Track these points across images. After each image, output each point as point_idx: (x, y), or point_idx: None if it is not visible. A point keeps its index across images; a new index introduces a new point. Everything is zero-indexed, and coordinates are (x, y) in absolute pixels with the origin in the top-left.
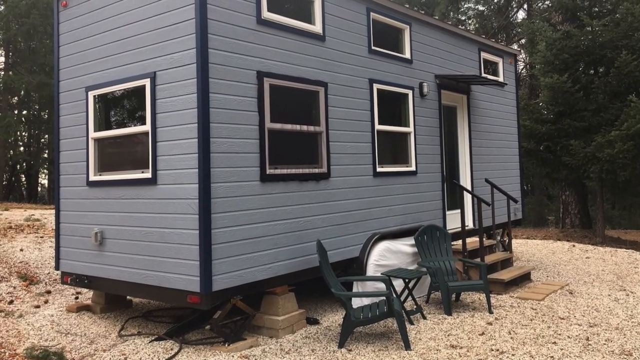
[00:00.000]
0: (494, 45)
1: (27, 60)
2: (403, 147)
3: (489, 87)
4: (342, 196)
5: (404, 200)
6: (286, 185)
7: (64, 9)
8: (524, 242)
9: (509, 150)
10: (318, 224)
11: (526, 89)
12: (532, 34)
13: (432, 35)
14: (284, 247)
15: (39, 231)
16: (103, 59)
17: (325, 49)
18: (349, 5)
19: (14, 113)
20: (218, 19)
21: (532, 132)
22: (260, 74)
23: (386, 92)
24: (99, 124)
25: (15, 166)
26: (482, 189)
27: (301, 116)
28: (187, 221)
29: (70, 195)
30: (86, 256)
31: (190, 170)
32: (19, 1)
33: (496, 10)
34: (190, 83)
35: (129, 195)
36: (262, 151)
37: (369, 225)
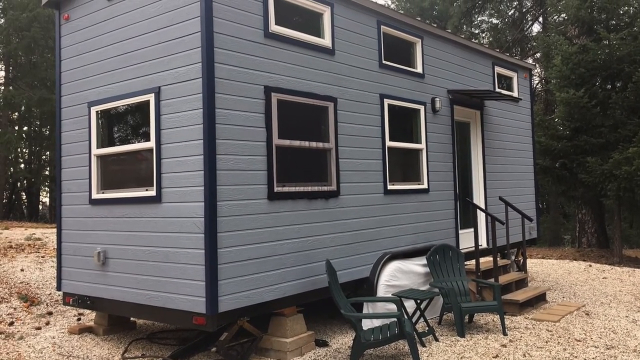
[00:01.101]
0: (508, 60)
1: (28, 74)
2: (414, 164)
3: (503, 103)
4: (352, 215)
5: (416, 219)
6: (294, 203)
7: (65, 22)
8: (539, 262)
9: (523, 167)
10: (327, 244)
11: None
12: (548, 48)
13: (445, 49)
14: (292, 267)
15: (40, 251)
16: (106, 74)
17: (335, 63)
18: (359, 18)
19: (14, 129)
20: (224, 32)
21: (547, 149)
22: (268, 88)
23: (397, 108)
24: (102, 141)
25: (16, 184)
26: (496, 207)
27: (310, 132)
28: (192, 240)
29: (72, 213)
30: (89, 276)
31: (196, 188)
32: (19, 14)
33: (510, 23)
34: (196, 98)
35: (132, 214)
36: (269, 168)
37: (379, 244)
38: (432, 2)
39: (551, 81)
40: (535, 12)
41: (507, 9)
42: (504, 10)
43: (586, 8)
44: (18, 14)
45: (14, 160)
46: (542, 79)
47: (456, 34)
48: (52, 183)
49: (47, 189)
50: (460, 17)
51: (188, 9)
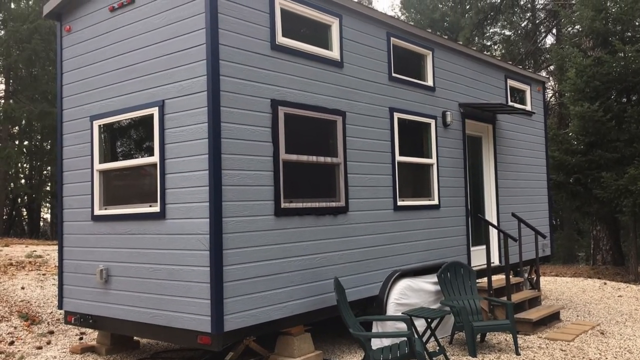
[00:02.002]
0: (521, 72)
1: (29, 88)
2: (425, 179)
3: (516, 116)
4: (361, 231)
5: (426, 236)
6: (302, 219)
7: (67, 34)
8: (553, 280)
9: (536, 182)
10: (335, 261)
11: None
12: (562, 60)
13: (456, 62)
14: (299, 285)
15: (41, 268)
16: (108, 87)
17: (344, 76)
18: (369, 30)
19: (14, 144)
20: (230, 45)
21: (561, 164)
22: (275, 102)
23: (407, 122)
24: (105, 155)
25: (16, 200)
26: (509, 223)
27: (318, 147)
28: (197, 257)
29: (74, 230)
30: (91, 294)
31: (201, 204)
32: (20, 26)
33: (523, 35)
34: (201, 112)
35: (135, 231)
36: (276, 184)
37: (389, 262)
38: (443, 14)
39: (565, 94)
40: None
41: (520, 21)
42: (517, 22)
43: (601, 19)
44: (18, 25)
45: (14, 175)
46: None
47: (468, 46)
48: (54, 199)
49: (48, 205)
50: (471, 28)
51: (193, 21)
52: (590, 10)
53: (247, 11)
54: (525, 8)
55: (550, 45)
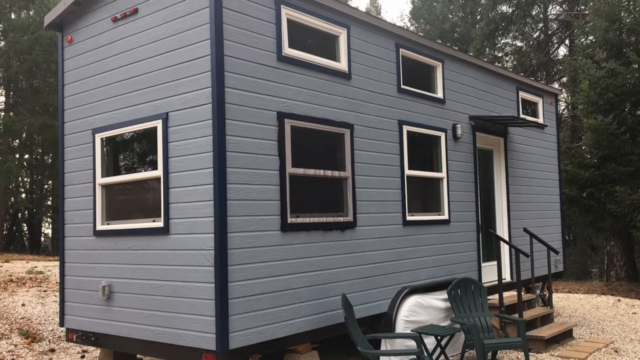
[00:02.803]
0: (533, 84)
1: (29, 100)
2: (435, 193)
3: (527, 129)
4: (369, 247)
5: (436, 251)
6: (309, 235)
7: (69, 44)
8: (566, 297)
9: (549, 197)
10: (343, 277)
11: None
12: (575, 72)
13: (467, 73)
14: (306, 302)
15: (42, 285)
16: (111, 99)
17: (351, 88)
18: (377, 40)
19: (15, 157)
20: (235, 56)
21: (574, 178)
22: (281, 114)
23: (417, 135)
24: (107, 169)
25: (17, 214)
26: (521, 239)
27: (325, 160)
28: (202, 274)
29: (75, 245)
30: (93, 312)
31: (206, 218)
32: (20, 36)
33: (535, 46)
34: (206, 125)
35: (139, 246)
36: (282, 198)
37: (398, 278)
38: (453, 24)
39: (578, 107)
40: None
41: (532, 31)
42: (529, 33)
43: (615, 30)
44: (19, 36)
45: (15, 189)
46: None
47: (478, 57)
48: (55, 214)
49: (50, 220)
50: (482, 39)
51: (197, 31)
52: (604, 20)
53: (253, 22)
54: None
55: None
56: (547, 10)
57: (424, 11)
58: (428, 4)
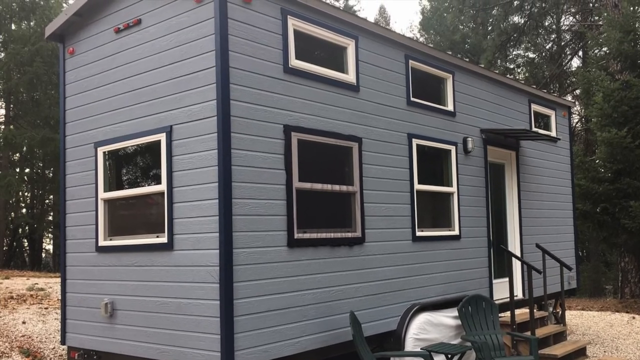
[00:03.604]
0: (546, 97)
1: (30, 113)
2: (445, 208)
3: (540, 143)
4: (378, 263)
5: (446, 268)
6: (316, 251)
7: (70, 56)
8: (579, 314)
9: (562, 212)
10: (351, 294)
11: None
12: (588, 84)
13: (478, 86)
14: (313, 320)
15: (43, 302)
16: (114, 112)
17: (360, 101)
18: (386, 52)
19: (15, 171)
20: (241, 68)
21: (587, 192)
22: (288, 128)
23: (427, 148)
24: (110, 184)
25: (17, 230)
26: (533, 255)
27: (333, 175)
28: (206, 291)
29: (77, 262)
30: (95, 329)
31: (211, 234)
32: (20, 48)
33: (548, 57)
34: (211, 138)
35: (142, 262)
36: (289, 213)
37: (407, 295)
38: (464, 35)
39: (592, 120)
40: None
41: (545, 43)
42: (541, 44)
43: (629, 41)
44: (19, 47)
45: (15, 204)
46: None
47: (490, 69)
48: (56, 229)
49: (51, 235)
50: (494, 51)
51: (202, 42)
52: (618, 31)
53: (259, 33)
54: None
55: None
56: (560, 21)
57: (434, 22)
58: (438, 14)
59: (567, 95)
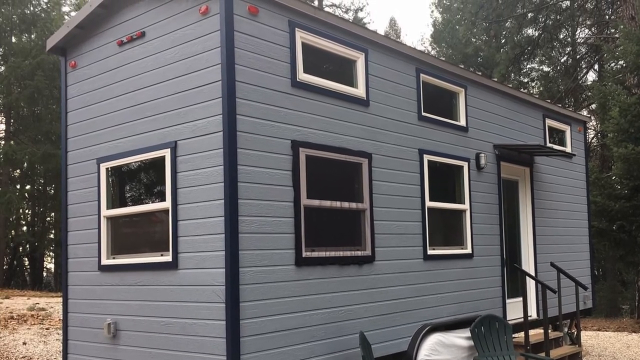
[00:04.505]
0: (561, 111)
1: (31, 128)
2: (457, 226)
3: (555, 159)
4: (388, 282)
5: (459, 287)
6: (325, 270)
7: (72, 70)
8: (595, 335)
9: (577, 229)
10: (361, 314)
11: (597, 161)
12: (604, 99)
13: (491, 100)
14: (321, 340)
15: (44, 322)
16: (117, 127)
17: (369, 116)
18: (397, 65)
19: (15, 188)
20: (247, 82)
21: (603, 210)
22: (296, 143)
23: (438, 165)
24: (113, 201)
25: (18, 248)
26: (547, 274)
27: (342, 191)
28: (212, 311)
29: (79, 281)
30: (98, 350)
31: (216, 252)
32: (21, 61)
33: (563, 71)
34: (216, 154)
35: (146, 282)
36: (297, 231)
37: (418, 315)
38: (476, 48)
39: (608, 135)
40: (590, 59)
41: (560, 56)
42: (556, 57)
43: None
44: (20, 61)
45: (16, 222)
46: (597, 132)
47: (503, 82)
48: (58, 247)
49: (52, 254)
50: (507, 64)
51: (207, 56)
52: (635, 44)
53: (266, 46)
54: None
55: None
56: (575, 34)
57: (446, 34)
58: (450, 27)
59: (583, 110)
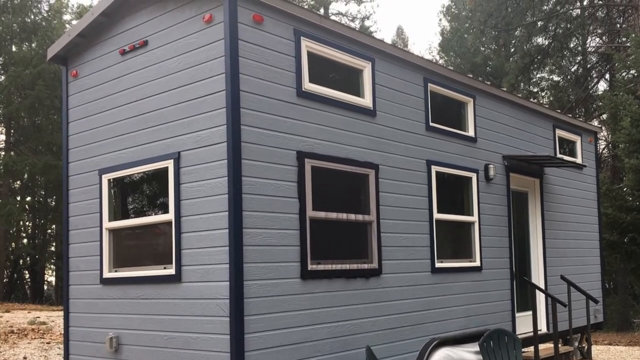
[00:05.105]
0: (571, 122)
1: (31, 138)
2: (466, 239)
3: (565, 170)
4: (396, 296)
5: (467, 300)
6: (331, 283)
7: (73, 79)
8: (606, 349)
9: (588, 242)
10: (367, 328)
11: (608, 172)
12: (615, 108)
13: (500, 110)
14: (327, 355)
15: (45, 336)
16: (119, 137)
17: (376, 126)
18: (404, 75)
19: (16, 200)
20: (252, 91)
21: (615, 222)
22: (301, 154)
23: (446, 176)
24: (115, 213)
25: (18, 261)
26: (557, 287)
27: (348, 203)
28: (216, 325)
29: (81, 294)
30: None
31: (220, 265)
32: (22, 70)
33: (573, 81)
34: (220, 165)
35: (149, 295)
36: (303, 244)
37: (426, 329)
38: (485, 57)
39: (619, 146)
40: (601, 69)
41: (570, 65)
42: (566, 67)
43: None
44: (20, 70)
45: (16, 234)
46: (608, 143)
47: (512, 92)
48: (59, 260)
49: (53, 267)
50: (517, 73)
51: (211, 65)
52: None
53: (271, 55)
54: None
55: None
56: (586, 43)
57: (454, 43)
58: (459, 35)
59: (593, 120)
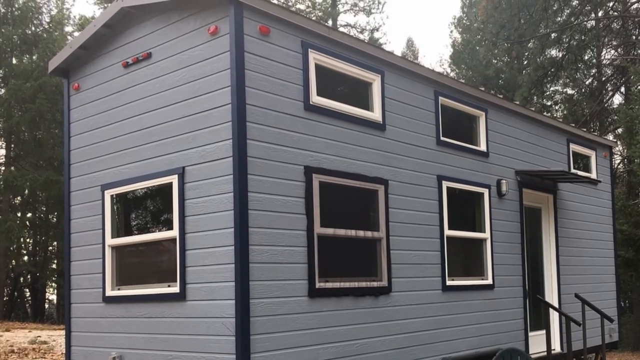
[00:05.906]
0: (586, 136)
1: (32, 153)
2: (477, 256)
3: (579, 185)
4: (406, 314)
5: (479, 319)
6: (339, 301)
7: (75, 92)
8: None
9: (602, 259)
10: (377, 348)
11: (623, 187)
12: (631, 122)
13: (512, 124)
14: None
15: (46, 356)
16: (122, 152)
17: (386, 140)
18: (414, 88)
19: (16, 216)
20: (258, 105)
21: (630, 238)
22: (309, 169)
23: (457, 191)
24: (118, 229)
25: (18, 279)
26: (571, 305)
27: (357, 219)
28: (221, 344)
29: (83, 313)
30: None
31: (226, 283)
32: (22, 83)
33: (588, 94)
34: (226, 180)
35: (152, 314)
36: (310, 261)
37: (437, 348)
38: (497, 70)
39: (635, 160)
40: (617, 81)
41: (584, 78)
42: (581, 79)
43: None
44: (21, 83)
45: (16, 251)
46: (624, 157)
47: (525, 106)
48: (60, 278)
49: (54, 285)
50: (530, 86)
51: (217, 78)
52: None
53: (278, 67)
54: (589, 64)
55: (618, 106)
56: (601, 55)
57: (466, 56)
58: (470, 47)
59: (609, 135)
